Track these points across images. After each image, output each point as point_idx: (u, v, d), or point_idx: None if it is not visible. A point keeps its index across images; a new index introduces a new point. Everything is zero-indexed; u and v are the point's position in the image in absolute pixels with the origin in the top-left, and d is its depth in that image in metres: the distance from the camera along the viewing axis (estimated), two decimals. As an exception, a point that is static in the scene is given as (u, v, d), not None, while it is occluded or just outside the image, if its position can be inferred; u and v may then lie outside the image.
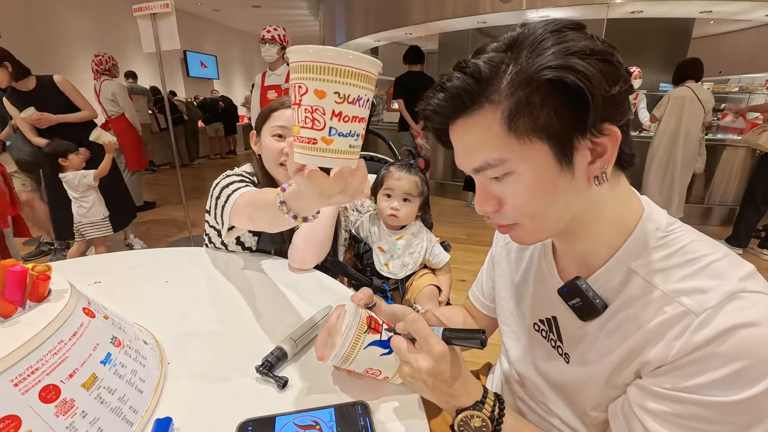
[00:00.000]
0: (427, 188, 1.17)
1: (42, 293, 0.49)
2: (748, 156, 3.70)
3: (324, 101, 0.39)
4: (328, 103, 0.39)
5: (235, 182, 0.91)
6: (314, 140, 0.40)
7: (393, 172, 1.14)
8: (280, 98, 1.01)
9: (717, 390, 0.38)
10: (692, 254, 0.43)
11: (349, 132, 0.41)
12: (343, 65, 0.38)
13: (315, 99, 0.39)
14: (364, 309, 0.55)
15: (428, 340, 0.48)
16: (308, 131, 0.40)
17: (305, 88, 0.39)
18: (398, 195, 1.13)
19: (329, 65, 0.37)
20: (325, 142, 0.40)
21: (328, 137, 0.40)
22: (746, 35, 7.39)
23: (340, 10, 7.35)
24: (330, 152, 0.41)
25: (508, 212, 0.47)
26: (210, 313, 0.77)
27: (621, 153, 0.43)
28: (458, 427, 0.48)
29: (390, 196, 1.14)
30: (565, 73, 0.37)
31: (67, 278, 0.54)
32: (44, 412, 0.41)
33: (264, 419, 0.50)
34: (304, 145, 0.41)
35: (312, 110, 0.39)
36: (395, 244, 1.16)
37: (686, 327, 0.40)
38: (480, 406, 0.48)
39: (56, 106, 2.49)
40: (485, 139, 0.43)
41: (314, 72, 0.38)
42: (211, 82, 9.72)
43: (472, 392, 0.49)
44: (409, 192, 1.12)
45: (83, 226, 2.44)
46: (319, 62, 0.37)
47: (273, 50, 2.69)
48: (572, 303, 0.50)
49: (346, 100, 0.39)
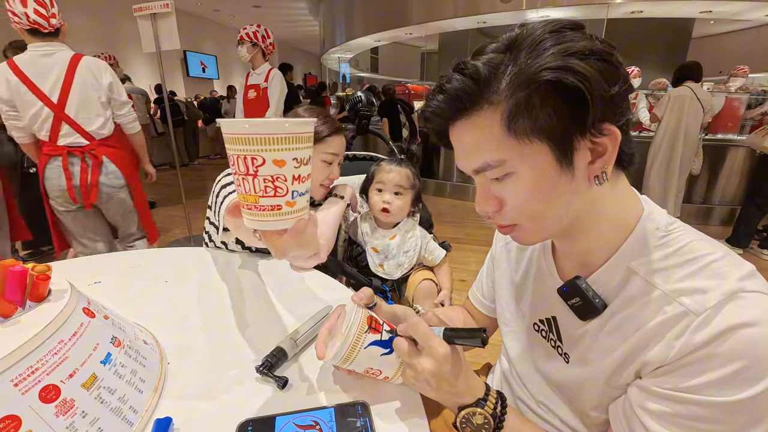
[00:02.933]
0: (419, 181, 1.16)
1: (42, 293, 0.49)
2: (749, 156, 3.70)
3: (284, 169, 0.39)
4: (288, 170, 0.40)
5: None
6: (278, 206, 0.41)
7: (383, 165, 1.14)
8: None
9: (717, 390, 0.38)
10: (692, 254, 0.43)
11: (305, 190, 0.43)
12: (298, 133, 0.39)
13: (275, 168, 0.39)
14: (364, 309, 0.55)
15: (430, 342, 0.48)
16: (270, 199, 0.40)
17: (261, 159, 0.39)
18: (390, 188, 1.11)
19: (288, 135, 0.38)
20: (289, 206, 0.41)
21: (291, 200, 0.41)
22: (746, 35, 7.40)
23: (340, 10, 7.35)
24: (292, 213, 0.42)
25: (509, 213, 0.47)
26: (210, 313, 0.77)
27: (621, 153, 0.43)
28: (461, 424, 0.49)
29: (381, 190, 1.13)
30: (564, 74, 0.37)
31: (67, 278, 0.54)
32: (44, 412, 0.41)
33: (264, 419, 0.50)
34: (266, 213, 0.41)
35: (273, 179, 0.40)
36: (389, 243, 1.14)
37: (686, 327, 0.40)
38: (482, 404, 0.49)
39: None
40: (485, 140, 0.43)
41: (271, 143, 0.38)
42: (211, 82, 9.72)
43: (474, 389, 0.50)
44: (400, 184, 1.11)
45: None
46: (276, 134, 0.38)
47: (243, 50, 2.69)
48: (572, 302, 0.50)
49: (302, 163, 0.41)
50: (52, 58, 1.66)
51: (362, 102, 4.48)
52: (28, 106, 1.65)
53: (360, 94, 4.61)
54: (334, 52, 8.68)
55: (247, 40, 2.67)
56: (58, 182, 1.73)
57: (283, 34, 11.55)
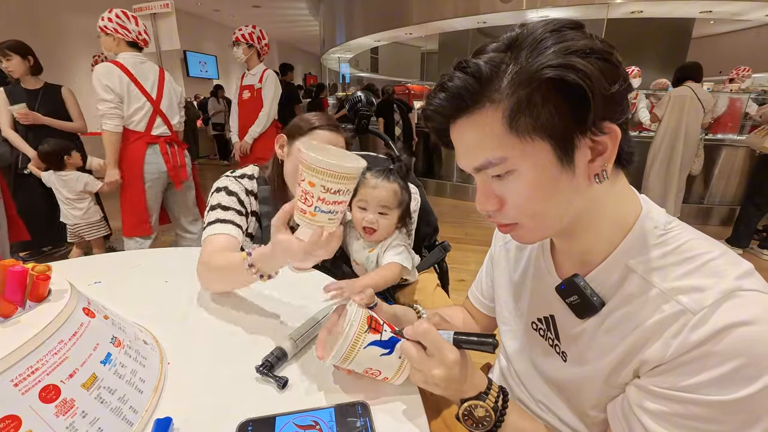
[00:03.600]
0: (408, 195, 1.03)
1: (42, 293, 0.49)
2: (748, 156, 3.70)
3: (313, 189, 0.54)
4: (316, 191, 0.53)
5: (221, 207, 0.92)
6: (305, 211, 0.56)
7: (368, 179, 0.98)
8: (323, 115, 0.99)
9: (715, 389, 0.38)
10: (690, 252, 0.43)
11: (330, 210, 0.55)
12: (327, 169, 0.52)
13: (308, 186, 0.54)
14: (365, 309, 0.55)
15: (442, 350, 0.48)
16: (302, 204, 0.55)
17: (303, 177, 0.54)
18: (373, 207, 0.97)
19: (318, 168, 0.52)
20: (311, 215, 0.55)
21: (314, 212, 0.55)
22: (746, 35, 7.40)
23: (340, 10, 7.35)
24: (314, 222, 0.56)
25: (510, 211, 0.47)
26: (210, 313, 0.77)
27: (620, 151, 0.43)
28: (463, 417, 0.49)
29: (365, 208, 0.98)
30: (565, 72, 0.37)
31: (67, 278, 0.54)
32: (44, 412, 0.41)
33: (264, 419, 0.50)
34: (299, 213, 0.57)
35: (305, 193, 0.54)
36: (368, 256, 1.04)
37: (683, 325, 0.40)
38: (484, 397, 0.49)
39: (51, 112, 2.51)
40: (486, 138, 0.43)
41: (308, 169, 0.53)
42: (211, 82, 9.72)
43: (477, 384, 0.50)
44: (385, 204, 0.97)
45: (81, 228, 2.42)
46: (312, 165, 0.52)
47: (239, 51, 2.71)
48: (570, 300, 0.50)
49: (329, 192, 0.53)
50: (146, 65, 2.15)
51: (362, 102, 4.49)
52: (134, 101, 2.07)
53: (360, 94, 4.62)
54: (334, 52, 8.67)
55: (242, 42, 2.67)
56: (157, 166, 2.18)
57: (283, 34, 11.55)
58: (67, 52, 6.04)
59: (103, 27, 2.03)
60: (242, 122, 2.84)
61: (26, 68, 2.42)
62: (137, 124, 2.11)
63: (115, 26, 2.02)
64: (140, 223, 2.21)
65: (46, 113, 2.47)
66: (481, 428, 0.49)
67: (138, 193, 2.17)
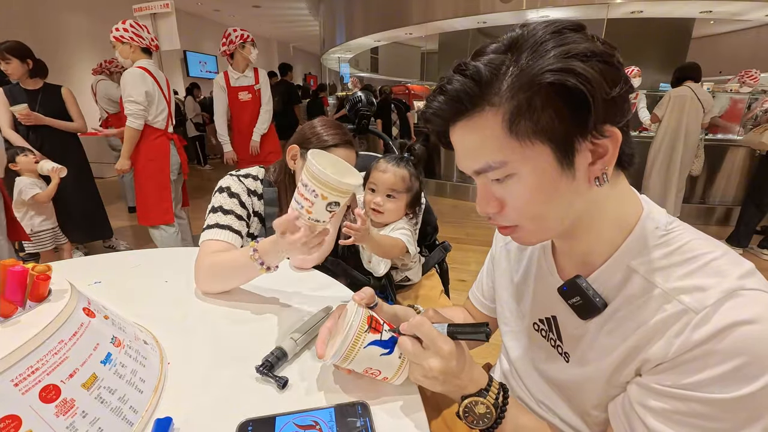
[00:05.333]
0: (419, 183, 1.10)
1: (42, 293, 0.49)
2: (748, 156, 3.70)
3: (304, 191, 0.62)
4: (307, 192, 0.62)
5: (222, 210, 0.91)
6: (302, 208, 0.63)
7: (380, 164, 1.08)
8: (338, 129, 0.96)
9: (717, 387, 0.38)
10: (691, 252, 0.43)
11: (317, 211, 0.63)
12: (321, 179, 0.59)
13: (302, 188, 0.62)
14: (365, 308, 0.55)
15: (436, 341, 0.49)
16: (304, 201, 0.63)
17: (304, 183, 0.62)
18: (382, 190, 1.06)
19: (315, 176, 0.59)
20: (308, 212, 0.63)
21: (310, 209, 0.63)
22: (746, 35, 7.40)
23: (340, 10, 7.35)
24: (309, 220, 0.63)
25: (510, 214, 0.47)
26: (210, 313, 0.77)
27: (621, 153, 0.43)
28: (463, 414, 0.49)
29: (374, 190, 1.07)
30: (566, 77, 0.37)
31: (67, 278, 0.54)
32: (44, 412, 0.41)
33: (264, 419, 0.50)
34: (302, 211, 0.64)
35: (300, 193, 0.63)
36: None
37: (686, 324, 0.40)
38: (484, 393, 0.49)
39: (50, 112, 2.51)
40: (486, 141, 0.43)
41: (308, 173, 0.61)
42: (211, 82, 9.72)
43: (477, 380, 0.50)
44: (393, 187, 1.05)
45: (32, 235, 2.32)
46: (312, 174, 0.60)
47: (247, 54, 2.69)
48: (572, 302, 0.50)
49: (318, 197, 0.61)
50: (159, 70, 2.41)
51: (362, 102, 4.49)
52: (159, 102, 2.34)
53: (360, 94, 4.62)
54: (334, 52, 8.67)
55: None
56: (176, 158, 2.49)
57: (283, 34, 11.55)
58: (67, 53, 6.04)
59: (119, 37, 2.20)
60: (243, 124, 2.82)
61: (25, 71, 2.42)
62: (160, 123, 2.37)
63: (131, 35, 2.22)
64: (166, 212, 2.46)
65: (46, 113, 2.47)
66: (482, 425, 0.49)
67: (165, 185, 2.43)
